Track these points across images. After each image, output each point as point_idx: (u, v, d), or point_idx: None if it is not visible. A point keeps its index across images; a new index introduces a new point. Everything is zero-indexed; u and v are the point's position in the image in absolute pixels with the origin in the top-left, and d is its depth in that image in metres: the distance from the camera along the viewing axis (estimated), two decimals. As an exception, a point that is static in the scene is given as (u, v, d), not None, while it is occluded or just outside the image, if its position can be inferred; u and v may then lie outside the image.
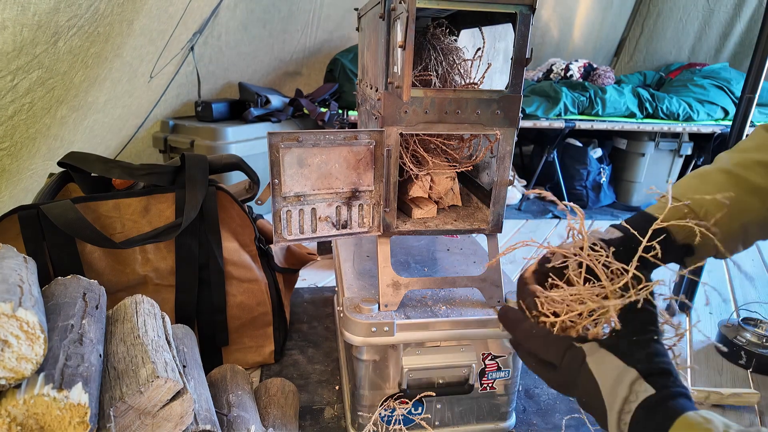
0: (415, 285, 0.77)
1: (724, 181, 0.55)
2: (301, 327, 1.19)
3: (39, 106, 1.14)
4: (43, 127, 1.22)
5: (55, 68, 1.09)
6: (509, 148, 0.73)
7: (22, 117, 1.11)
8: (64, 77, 1.14)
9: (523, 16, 0.65)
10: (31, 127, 1.17)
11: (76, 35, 1.06)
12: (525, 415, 0.92)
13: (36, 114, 1.15)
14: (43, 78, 1.07)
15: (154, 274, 0.90)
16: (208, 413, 0.67)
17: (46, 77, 1.08)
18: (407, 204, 0.84)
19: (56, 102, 1.19)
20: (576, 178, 2.48)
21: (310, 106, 2.11)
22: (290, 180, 0.68)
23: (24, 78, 1.02)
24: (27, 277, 0.57)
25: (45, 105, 1.16)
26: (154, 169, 0.89)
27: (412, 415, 0.80)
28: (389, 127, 0.70)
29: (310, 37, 2.37)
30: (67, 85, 1.18)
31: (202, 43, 1.96)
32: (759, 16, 2.81)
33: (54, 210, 0.79)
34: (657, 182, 2.53)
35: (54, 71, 1.09)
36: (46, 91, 1.12)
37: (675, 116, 2.31)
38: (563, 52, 3.07)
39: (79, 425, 0.50)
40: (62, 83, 1.15)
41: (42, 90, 1.10)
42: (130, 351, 0.62)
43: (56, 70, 1.10)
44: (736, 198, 0.53)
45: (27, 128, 1.16)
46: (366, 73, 0.98)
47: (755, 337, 1.13)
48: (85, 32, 1.08)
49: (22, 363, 0.49)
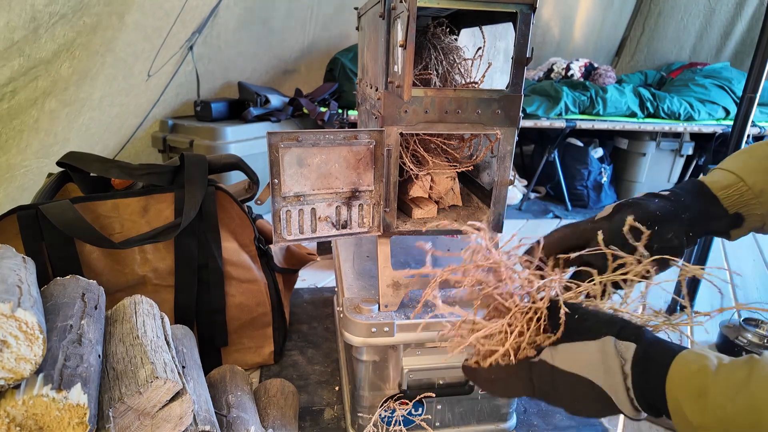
0: (415, 285, 0.77)
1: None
2: (300, 327, 1.19)
3: (22, 96, 1.12)
4: (30, 119, 1.21)
5: (38, 57, 1.07)
6: (510, 147, 0.73)
7: (4, 106, 1.10)
8: (48, 67, 1.13)
9: (524, 15, 0.65)
10: (15, 117, 1.16)
11: (59, 23, 1.04)
12: (525, 416, 0.91)
13: (20, 104, 1.13)
14: (25, 66, 1.06)
15: (153, 274, 0.89)
16: (208, 414, 0.67)
17: (28, 66, 1.06)
18: (407, 204, 0.83)
19: (42, 93, 1.18)
20: (577, 177, 2.48)
21: (309, 106, 2.11)
22: (290, 180, 0.68)
23: (4, 66, 1.01)
24: (26, 278, 0.57)
25: (29, 96, 1.14)
26: (153, 169, 0.89)
27: (412, 416, 0.80)
28: (389, 127, 0.69)
29: (309, 36, 2.37)
30: (53, 77, 1.17)
31: (201, 43, 1.95)
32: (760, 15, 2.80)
33: (53, 210, 0.79)
34: (658, 182, 2.52)
35: (36, 59, 1.07)
36: (28, 81, 1.11)
37: (676, 116, 2.31)
38: (564, 51, 3.06)
39: (78, 426, 0.50)
40: (47, 73, 1.14)
41: (24, 79, 1.09)
42: (129, 351, 0.62)
43: (39, 59, 1.08)
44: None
45: (11, 119, 1.15)
46: (366, 72, 0.98)
47: (756, 337, 1.13)
48: (68, 21, 1.06)
49: (21, 363, 0.48)
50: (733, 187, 0.53)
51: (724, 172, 0.55)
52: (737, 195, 0.52)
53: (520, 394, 0.49)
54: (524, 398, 0.96)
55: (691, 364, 0.39)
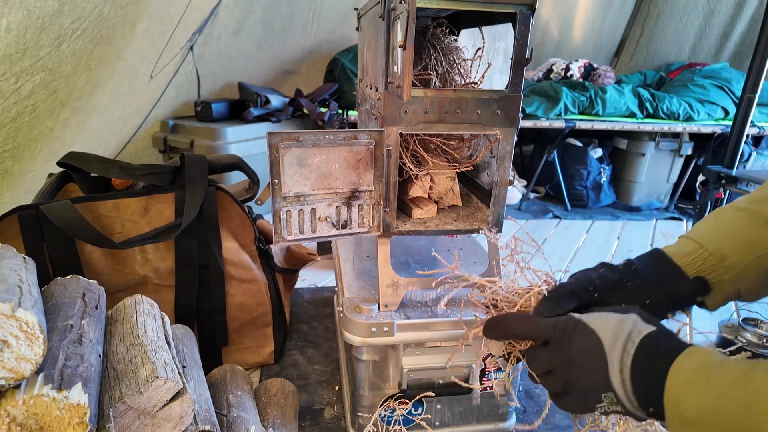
0: (415, 285, 0.77)
1: (736, 217, 0.55)
2: (300, 327, 1.19)
3: (42, 108, 1.14)
4: (46, 129, 1.23)
5: (59, 71, 1.09)
6: (509, 148, 0.73)
7: (25, 119, 1.12)
8: (67, 80, 1.15)
9: (523, 15, 0.65)
10: (33, 129, 1.18)
11: (80, 38, 1.07)
12: (525, 416, 0.92)
13: (39, 116, 1.15)
14: (46, 80, 1.08)
15: (153, 274, 0.90)
16: (208, 413, 0.67)
17: (49, 80, 1.08)
18: (407, 204, 0.84)
19: (59, 104, 1.19)
20: (576, 178, 2.48)
21: (309, 106, 2.11)
22: (290, 180, 0.68)
23: (27, 80, 1.02)
24: (26, 278, 0.57)
25: (48, 107, 1.16)
26: (153, 169, 0.89)
27: (412, 415, 0.80)
28: (389, 127, 0.70)
29: (309, 36, 2.37)
30: (70, 88, 1.19)
31: (201, 43, 1.95)
32: (759, 16, 2.81)
33: (53, 210, 0.79)
34: (657, 182, 2.53)
35: (58, 74, 1.09)
36: (49, 94, 1.12)
37: (675, 116, 2.31)
38: (563, 51, 3.07)
39: (79, 425, 0.50)
40: (65, 86, 1.16)
41: (45, 92, 1.11)
42: (129, 351, 0.62)
43: (60, 73, 1.10)
44: (748, 232, 0.53)
45: (30, 130, 1.17)
46: (366, 72, 0.98)
47: (755, 337, 1.13)
48: (89, 35, 1.08)
49: (21, 363, 0.49)
50: (693, 254, 0.53)
51: (685, 239, 0.56)
52: (700, 261, 0.53)
53: (539, 334, 0.50)
54: (523, 398, 0.96)
55: (701, 354, 0.40)
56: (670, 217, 2.40)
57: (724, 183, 1.19)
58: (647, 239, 2.05)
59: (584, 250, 1.85)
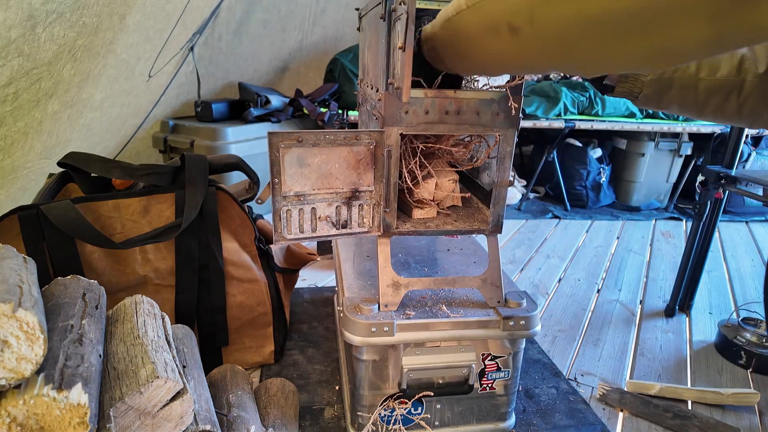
0: (415, 285, 0.77)
1: None
2: (301, 327, 1.19)
3: (25, 98, 1.12)
4: (34, 121, 1.21)
5: (39, 57, 1.07)
6: (509, 148, 0.73)
7: (8, 108, 1.10)
8: (50, 68, 1.12)
9: (524, 16, 0.65)
10: (19, 120, 1.16)
11: (57, 22, 1.04)
12: (525, 416, 0.92)
13: (23, 106, 1.14)
14: (26, 67, 1.05)
15: (154, 274, 0.90)
16: (208, 413, 0.67)
17: (29, 66, 1.06)
18: (407, 204, 0.84)
19: (44, 95, 1.18)
20: (576, 178, 2.48)
21: (309, 106, 2.11)
22: (290, 179, 0.68)
23: (3, 65, 1.00)
24: (27, 278, 0.57)
25: (31, 97, 1.14)
26: (154, 169, 0.89)
27: (411, 415, 0.80)
28: (389, 128, 0.70)
29: (310, 36, 2.37)
30: (55, 78, 1.17)
31: (202, 44, 1.95)
32: (759, 16, 2.80)
33: (54, 210, 0.79)
34: (657, 182, 2.53)
35: (38, 61, 1.07)
36: (31, 82, 1.10)
37: (675, 116, 2.31)
38: (563, 52, 3.06)
39: (79, 425, 0.50)
40: (49, 74, 1.14)
41: (26, 80, 1.09)
42: (129, 351, 0.62)
43: (40, 60, 1.08)
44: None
45: (15, 121, 1.15)
46: (367, 73, 0.98)
47: (755, 337, 1.13)
48: (67, 20, 1.06)
49: (21, 363, 0.49)
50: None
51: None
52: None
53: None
54: (523, 398, 0.96)
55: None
56: (670, 217, 2.40)
57: (723, 183, 1.19)
58: (647, 239, 2.05)
59: (584, 250, 1.86)
